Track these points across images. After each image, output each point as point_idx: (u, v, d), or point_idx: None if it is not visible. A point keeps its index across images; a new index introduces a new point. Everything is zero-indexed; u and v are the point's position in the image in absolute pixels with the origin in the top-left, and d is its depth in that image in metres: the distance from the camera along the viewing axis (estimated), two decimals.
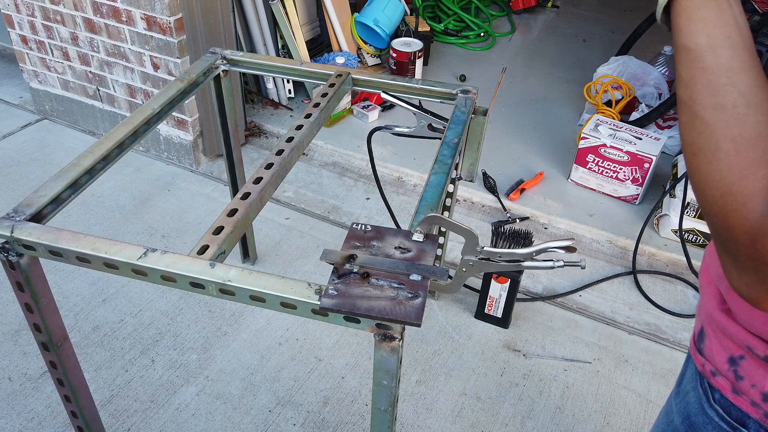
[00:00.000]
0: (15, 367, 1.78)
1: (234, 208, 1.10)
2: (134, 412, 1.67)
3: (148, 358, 1.82)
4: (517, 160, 2.70)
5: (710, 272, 0.73)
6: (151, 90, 2.50)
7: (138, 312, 1.96)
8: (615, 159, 2.38)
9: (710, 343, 0.72)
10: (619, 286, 2.13)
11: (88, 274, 2.07)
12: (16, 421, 1.63)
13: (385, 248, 0.94)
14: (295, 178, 2.59)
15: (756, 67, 0.51)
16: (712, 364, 0.71)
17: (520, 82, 3.36)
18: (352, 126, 2.88)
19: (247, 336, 1.89)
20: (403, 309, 0.84)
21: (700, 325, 0.75)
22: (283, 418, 1.67)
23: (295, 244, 2.26)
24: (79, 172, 1.15)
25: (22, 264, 1.05)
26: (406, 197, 2.52)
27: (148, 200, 2.44)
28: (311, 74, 1.60)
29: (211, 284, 0.95)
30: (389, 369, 0.93)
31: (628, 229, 2.31)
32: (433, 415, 1.69)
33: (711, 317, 0.71)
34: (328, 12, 3.05)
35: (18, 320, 1.90)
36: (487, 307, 1.93)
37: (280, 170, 1.22)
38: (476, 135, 1.50)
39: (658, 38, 3.42)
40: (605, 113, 2.75)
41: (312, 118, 1.38)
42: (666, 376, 1.82)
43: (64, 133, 2.84)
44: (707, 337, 0.72)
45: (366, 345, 1.88)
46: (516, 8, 4.17)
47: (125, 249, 0.99)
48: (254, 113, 2.91)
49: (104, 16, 2.37)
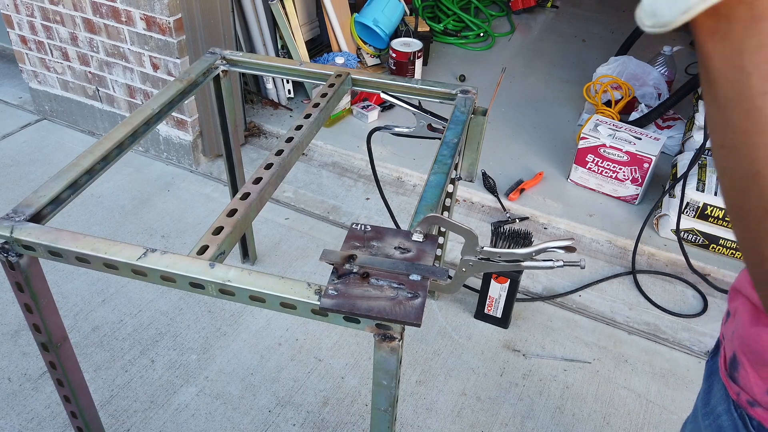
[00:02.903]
0: (15, 367, 1.77)
1: (234, 208, 1.10)
2: (134, 413, 1.67)
3: (148, 358, 1.82)
4: (516, 160, 2.70)
5: (747, 295, 0.66)
6: (151, 90, 2.50)
7: (138, 312, 1.96)
8: (614, 159, 2.38)
9: (746, 372, 0.66)
10: (619, 286, 2.13)
11: (87, 274, 2.07)
12: (15, 421, 1.63)
13: (384, 248, 0.94)
14: (295, 179, 2.59)
15: None
16: (749, 394, 0.65)
17: (519, 82, 3.36)
18: (352, 126, 2.88)
19: (246, 336, 1.89)
20: (402, 309, 0.84)
21: (732, 351, 0.68)
22: (282, 419, 1.67)
23: (294, 244, 2.26)
24: (78, 172, 1.15)
25: (21, 264, 1.05)
26: (405, 197, 2.52)
27: (148, 200, 2.44)
28: (311, 74, 1.60)
29: (210, 284, 0.95)
30: (389, 369, 0.93)
31: (628, 229, 2.31)
32: (432, 415, 1.69)
33: (748, 346, 0.65)
34: (328, 12, 3.05)
35: (18, 320, 1.90)
36: (487, 307, 1.93)
37: (279, 170, 1.22)
38: (476, 135, 1.50)
39: (657, 38, 3.42)
40: (605, 113, 2.75)
41: (311, 119, 1.38)
42: (665, 376, 1.82)
43: (63, 134, 2.84)
44: (742, 366, 0.66)
45: (366, 345, 1.88)
46: (515, 8, 4.17)
47: (125, 249, 0.99)
48: (254, 113, 2.91)
49: (104, 17, 2.37)
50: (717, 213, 2.12)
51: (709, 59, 0.40)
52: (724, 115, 0.40)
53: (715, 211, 2.12)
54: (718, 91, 0.40)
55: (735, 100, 0.39)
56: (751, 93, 0.38)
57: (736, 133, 0.40)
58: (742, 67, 0.38)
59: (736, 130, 0.40)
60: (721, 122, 0.41)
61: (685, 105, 2.76)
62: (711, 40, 0.39)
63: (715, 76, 0.40)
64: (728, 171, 0.42)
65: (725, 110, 0.40)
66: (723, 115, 0.41)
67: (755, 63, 0.37)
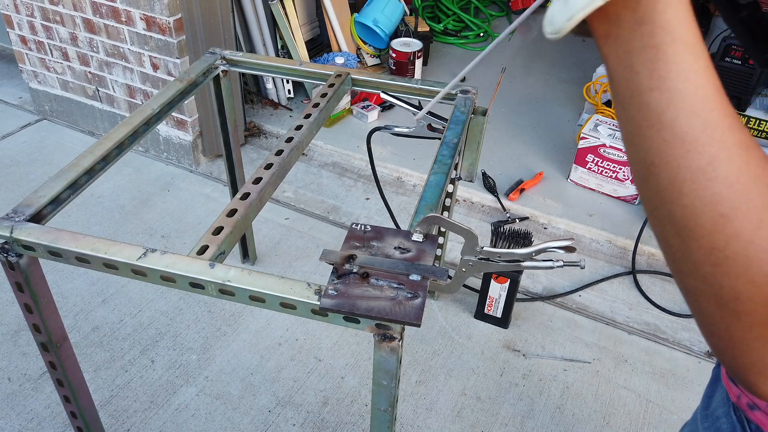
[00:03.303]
0: (14, 367, 1.77)
1: (233, 208, 1.10)
2: (134, 413, 1.67)
3: (148, 358, 1.82)
4: (516, 160, 2.70)
5: None
6: (151, 90, 2.50)
7: (137, 312, 1.96)
8: (614, 159, 2.38)
9: None
10: (619, 286, 2.13)
11: (87, 274, 2.07)
12: (15, 421, 1.63)
13: (384, 248, 0.94)
14: (295, 179, 2.59)
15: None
16: (749, 397, 0.65)
17: (519, 82, 3.36)
18: (352, 126, 2.88)
19: (246, 336, 1.89)
20: (402, 309, 0.84)
21: None
22: (282, 419, 1.67)
23: (294, 244, 2.26)
24: (78, 172, 1.15)
25: (21, 264, 1.05)
26: (405, 197, 2.52)
27: (148, 200, 2.44)
28: (311, 74, 1.60)
29: (210, 284, 0.95)
30: (389, 369, 0.93)
31: (628, 229, 2.31)
32: (432, 415, 1.69)
33: None
34: (328, 12, 3.05)
35: (17, 321, 1.90)
36: (487, 307, 1.93)
37: (279, 170, 1.22)
38: (476, 135, 1.50)
39: None
40: (605, 113, 2.75)
41: (311, 119, 1.38)
42: (665, 376, 1.82)
43: (63, 134, 2.84)
44: None
45: (366, 345, 1.88)
46: (515, 8, 4.17)
47: (125, 249, 0.99)
48: (254, 113, 2.91)
49: (104, 17, 2.37)
50: None
51: (606, 60, 0.44)
52: (623, 111, 0.44)
53: None
54: (616, 88, 0.44)
55: (629, 96, 0.43)
56: (641, 89, 0.41)
57: (633, 128, 0.44)
58: (632, 66, 0.41)
59: (633, 125, 0.43)
60: (622, 118, 0.45)
61: None
62: (606, 43, 0.43)
63: (613, 75, 0.44)
64: (631, 163, 0.45)
65: (623, 107, 0.44)
66: (622, 111, 0.44)
67: (641, 62, 0.41)
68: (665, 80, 0.40)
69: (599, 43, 0.44)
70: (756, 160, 0.40)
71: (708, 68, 0.41)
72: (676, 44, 0.40)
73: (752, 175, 0.40)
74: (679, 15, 0.40)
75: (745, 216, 0.39)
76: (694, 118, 0.40)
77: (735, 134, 0.40)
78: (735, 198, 0.40)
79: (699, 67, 0.40)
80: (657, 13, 0.40)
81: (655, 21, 0.40)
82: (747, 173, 0.40)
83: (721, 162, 0.40)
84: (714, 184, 0.40)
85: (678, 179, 0.41)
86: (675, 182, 0.41)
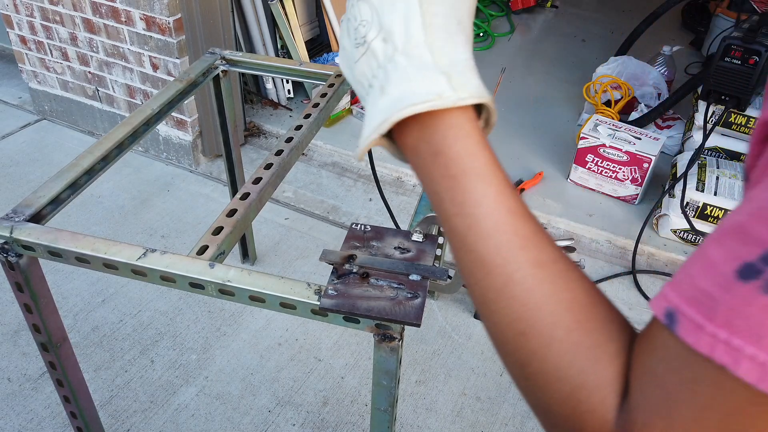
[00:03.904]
0: (14, 367, 1.77)
1: (233, 208, 1.10)
2: (134, 413, 1.67)
3: (148, 358, 1.82)
4: (516, 160, 2.70)
5: None
6: (151, 90, 2.50)
7: (137, 312, 1.95)
8: (614, 159, 2.38)
9: None
10: (619, 286, 2.13)
11: (87, 274, 2.07)
12: (15, 421, 1.63)
13: (384, 248, 0.94)
14: (295, 179, 2.59)
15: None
16: None
17: (519, 82, 3.36)
18: (352, 126, 2.88)
19: (246, 336, 1.89)
20: (402, 309, 0.84)
21: None
22: (282, 419, 1.67)
23: (294, 244, 2.26)
24: (78, 172, 1.15)
25: (21, 264, 1.05)
26: (405, 197, 2.52)
27: (148, 200, 2.44)
28: (310, 74, 1.60)
29: (210, 285, 0.95)
30: (389, 369, 0.93)
31: (628, 229, 2.31)
32: (432, 415, 1.69)
33: None
34: (328, 12, 3.05)
35: (17, 321, 1.90)
36: None
37: (279, 170, 1.22)
38: None
39: (657, 38, 3.42)
40: (604, 113, 2.75)
41: (311, 119, 1.38)
42: None
43: (63, 134, 2.84)
44: None
45: (365, 345, 1.88)
46: (515, 8, 4.17)
47: (124, 249, 0.99)
48: (253, 113, 2.91)
49: (103, 17, 2.37)
50: (717, 213, 2.12)
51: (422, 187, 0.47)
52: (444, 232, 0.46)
53: (715, 211, 2.12)
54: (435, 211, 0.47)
55: (441, 220, 0.45)
56: (447, 215, 0.44)
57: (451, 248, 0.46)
58: (437, 192, 0.44)
59: (450, 246, 0.46)
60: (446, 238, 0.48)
61: (685, 105, 2.76)
62: (416, 171, 0.46)
63: (429, 200, 0.46)
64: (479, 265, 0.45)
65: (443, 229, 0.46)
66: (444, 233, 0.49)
67: (443, 189, 0.44)
68: (463, 206, 0.43)
69: (414, 171, 0.46)
70: (551, 276, 0.41)
71: (500, 193, 0.43)
72: (467, 174, 0.43)
73: (545, 293, 0.41)
74: (468, 148, 0.43)
75: (539, 334, 0.40)
76: (488, 240, 0.42)
77: (529, 254, 0.42)
78: (529, 317, 0.41)
79: (490, 192, 0.43)
80: (447, 146, 0.43)
81: (447, 153, 0.43)
82: (540, 292, 0.41)
83: (515, 283, 0.41)
84: (512, 303, 0.41)
85: (486, 299, 0.43)
86: (484, 302, 0.43)
